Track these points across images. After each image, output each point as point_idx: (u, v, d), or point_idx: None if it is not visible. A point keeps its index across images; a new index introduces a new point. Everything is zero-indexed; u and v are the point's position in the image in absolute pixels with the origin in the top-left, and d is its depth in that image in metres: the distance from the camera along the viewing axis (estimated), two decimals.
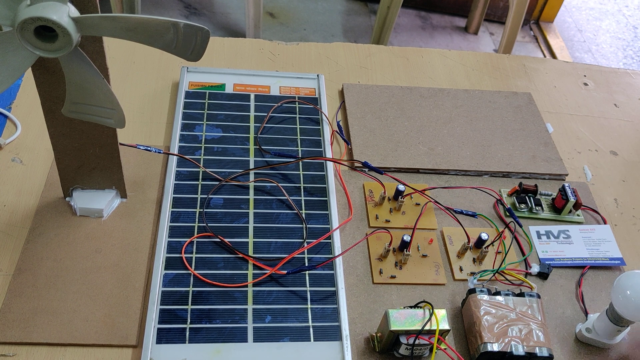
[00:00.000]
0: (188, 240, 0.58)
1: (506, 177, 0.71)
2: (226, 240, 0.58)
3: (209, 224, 0.60)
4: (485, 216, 0.66)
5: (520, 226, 0.66)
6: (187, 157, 0.65)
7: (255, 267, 0.57)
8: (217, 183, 0.63)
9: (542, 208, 0.68)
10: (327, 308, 0.55)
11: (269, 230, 0.60)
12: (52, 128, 0.53)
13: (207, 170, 0.64)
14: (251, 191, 0.64)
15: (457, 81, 0.84)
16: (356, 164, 0.69)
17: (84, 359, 0.50)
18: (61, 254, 0.56)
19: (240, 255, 0.58)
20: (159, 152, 0.64)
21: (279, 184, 0.64)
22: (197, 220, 0.60)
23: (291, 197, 0.63)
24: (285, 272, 0.56)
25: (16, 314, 0.51)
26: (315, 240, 0.60)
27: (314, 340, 0.53)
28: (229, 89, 0.74)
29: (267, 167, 0.66)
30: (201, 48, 0.45)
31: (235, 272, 0.56)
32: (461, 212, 0.66)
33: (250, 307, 0.54)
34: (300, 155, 0.68)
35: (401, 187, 0.64)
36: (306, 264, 0.58)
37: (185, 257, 0.57)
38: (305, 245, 0.59)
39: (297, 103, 0.74)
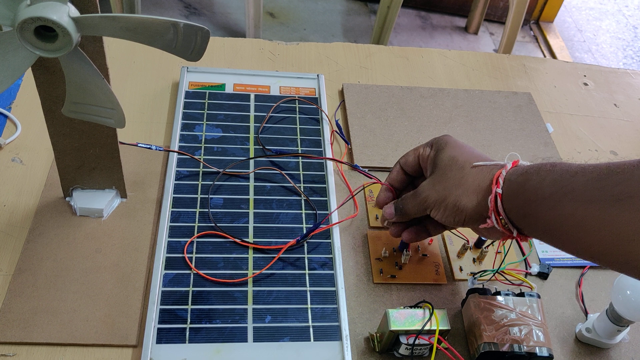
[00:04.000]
0: (189, 240, 0.58)
1: None
2: (236, 239, 0.58)
3: (210, 224, 0.60)
4: None
5: None
6: (187, 153, 0.65)
7: (256, 266, 0.57)
8: (212, 183, 0.63)
9: None
10: (327, 308, 0.55)
11: (269, 230, 0.60)
12: (52, 128, 0.53)
13: (206, 163, 0.64)
14: (251, 191, 0.64)
15: (457, 81, 0.84)
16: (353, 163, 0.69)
17: (84, 359, 0.50)
18: (61, 254, 0.56)
19: (240, 256, 0.58)
20: (159, 150, 0.64)
21: (283, 172, 0.65)
22: (197, 220, 0.60)
23: (291, 197, 0.63)
24: (295, 240, 0.58)
25: (16, 314, 0.51)
26: (323, 227, 0.60)
27: (314, 340, 0.53)
28: (229, 89, 0.74)
29: (267, 161, 0.66)
30: (201, 48, 0.45)
31: (234, 272, 0.56)
32: None
33: (250, 307, 0.54)
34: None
35: None
36: (306, 262, 0.58)
37: (187, 257, 0.57)
38: (331, 238, 0.59)
39: (297, 103, 0.74)
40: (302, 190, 0.64)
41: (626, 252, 0.39)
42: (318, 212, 0.62)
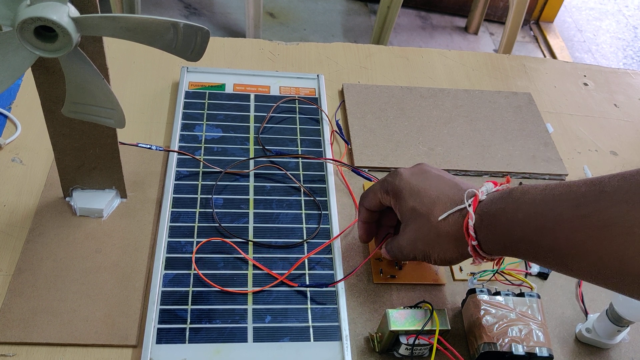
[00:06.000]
0: (203, 240, 0.58)
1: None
2: (229, 240, 0.58)
3: (212, 224, 0.60)
4: None
5: None
6: (187, 153, 0.65)
7: (256, 267, 0.57)
8: (216, 183, 0.63)
9: None
10: (327, 308, 0.55)
11: (269, 231, 0.60)
12: (52, 128, 0.53)
13: (207, 163, 0.64)
14: (251, 191, 0.64)
15: (457, 81, 0.84)
16: (354, 165, 0.69)
17: (84, 359, 0.50)
18: (61, 254, 0.56)
19: (242, 256, 0.58)
20: (160, 150, 0.64)
21: (287, 172, 0.65)
22: (197, 220, 0.60)
23: (291, 197, 0.64)
24: (297, 284, 0.56)
25: (16, 314, 0.51)
26: (327, 240, 0.60)
27: (314, 340, 0.53)
28: (229, 89, 0.74)
29: (267, 161, 0.66)
30: (201, 48, 0.45)
31: (235, 272, 0.56)
32: None
33: (250, 307, 0.54)
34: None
35: None
36: (306, 262, 0.58)
37: (186, 257, 0.57)
38: (330, 238, 0.59)
39: (297, 103, 0.74)
40: (303, 191, 0.64)
41: (616, 275, 0.39)
42: (323, 212, 0.62)
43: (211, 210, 0.61)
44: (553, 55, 2.28)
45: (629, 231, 0.37)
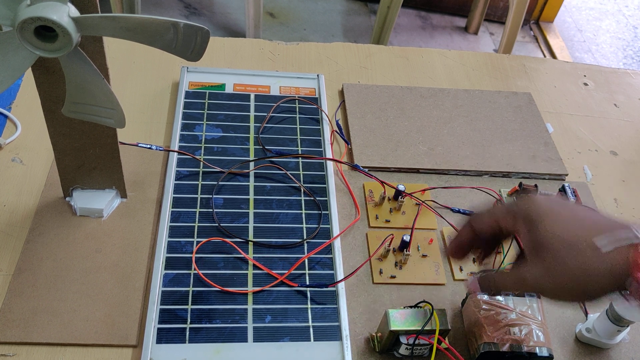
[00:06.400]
0: (203, 240, 0.58)
1: (506, 177, 0.71)
2: (229, 240, 0.58)
3: (212, 224, 0.60)
4: None
5: None
6: (187, 153, 0.65)
7: (256, 267, 0.57)
8: (216, 183, 0.63)
9: None
10: (327, 308, 0.55)
11: (269, 230, 0.60)
12: (52, 128, 0.53)
13: (208, 164, 0.64)
14: (251, 191, 0.64)
15: (457, 81, 0.84)
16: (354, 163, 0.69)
17: (84, 359, 0.50)
18: (61, 254, 0.56)
19: (242, 256, 0.58)
20: (160, 150, 0.64)
21: (288, 172, 0.65)
22: (197, 220, 0.60)
23: (291, 197, 0.64)
24: (297, 284, 0.56)
25: (16, 314, 0.51)
26: (327, 240, 0.60)
27: (314, 340, 0.53)
28: (229, 89, 0.74)
29: (267, 161, 0.66)
30: (201, 48, 0.45)
31: (235, 272, 0.56)
32: (459, 211, 0.66)
33: (250, 307, 0.54)
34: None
35: (401, 187, 0.64)
36: (306, 262, 0.58)
37: (186, 257, 0.57)
38: (330, 238, 0.59)
39: (297, 103, 0.74)
40: (304, 190, 0.64)
41: None
42: (323, 212, 0.62)
43: (211, 210, 0.61)
44: (553, 55, 2.28)
45: None
